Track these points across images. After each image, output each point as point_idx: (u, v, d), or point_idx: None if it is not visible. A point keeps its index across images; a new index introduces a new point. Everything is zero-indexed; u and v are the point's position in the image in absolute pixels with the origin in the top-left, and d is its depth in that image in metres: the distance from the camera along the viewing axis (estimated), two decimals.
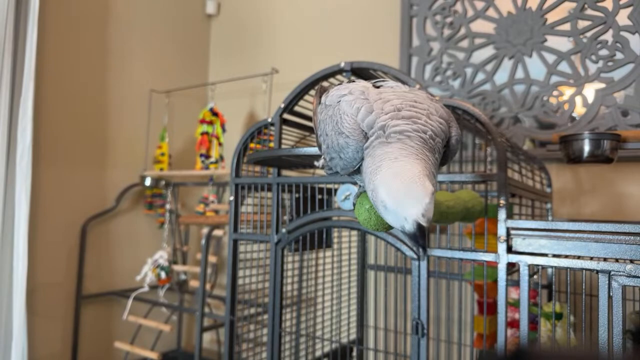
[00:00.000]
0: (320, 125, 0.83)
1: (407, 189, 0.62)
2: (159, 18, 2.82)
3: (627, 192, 1.76)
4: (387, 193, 0.64)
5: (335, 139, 0.75)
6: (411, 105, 0.73)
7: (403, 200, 0.62)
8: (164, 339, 2.59)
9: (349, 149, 0.73)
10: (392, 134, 0.69)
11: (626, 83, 1.76)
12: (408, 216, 0.62)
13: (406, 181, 0.63)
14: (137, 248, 2.65)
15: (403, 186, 0.63)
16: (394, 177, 0.64)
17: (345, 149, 0.73)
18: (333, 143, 0.76)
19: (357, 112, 0.74)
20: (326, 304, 1.94)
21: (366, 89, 0.78)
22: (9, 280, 1.98)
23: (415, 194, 0.62)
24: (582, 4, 1.85)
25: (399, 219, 0.64)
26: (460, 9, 2.14)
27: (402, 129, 0.69)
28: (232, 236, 1.58)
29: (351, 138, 0.72)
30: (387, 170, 0.65)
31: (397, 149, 0.68)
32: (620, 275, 0.93)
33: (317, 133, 0.87)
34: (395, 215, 0.64)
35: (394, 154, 0.67)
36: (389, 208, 0.64)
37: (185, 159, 2.88)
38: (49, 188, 2.26)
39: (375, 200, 0.67)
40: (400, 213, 0.63)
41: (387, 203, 0.64)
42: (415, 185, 0.62)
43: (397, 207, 0.63)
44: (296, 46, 2.73)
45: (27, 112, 2.00)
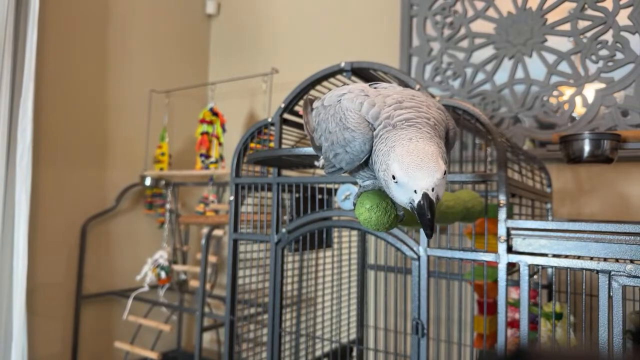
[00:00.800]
0: (321, 125, 0.84)
1: (420, 163, 0.63)
2: (159, 18, 2.82)
3: (627, 192, 1.76)
4: (399, 167, 0.65)
5: (341, 134, 0.76)
6: (411, 98, 0.75)
7: (415, 172, 0.63)
8: (164, 338, 2.59)
9: (356, 142, 0.74)
10: (399, 122, 0.71)
11: (626, 83, 1.76)
12: (418, 188, 0.63)
13: (420, 156, 0.64)
14: (137, 248, 2.65)
15: (416, 160, 0.64)
16: (409, 154, 0.65)
17: (352, 142, 0.75)
18: (338, 138, 0.77)
19: (360, 106, 0.76)
20: (326, 304, 1.94)
21: (364, 87, 0.81)
22: (9, 280, 1.98)
23: (427, 167, 0.63)
24: (582, 4, 1.85)
25: (408, 191, 0.64)
26: (460, 9, 2.14)
27: (407, 117, 0.71)
28: (232, 236, 1.58)
29: (357, 131, 0.74)
30: (401, 149, 0.66)
31: (411, 132, 0.69)
32: (620, 275, 0.93)
33: (315, 135, 0.89)
34: (406, 188, 0.65)
35: (408, 136, 0.68)
36: (400, 181, 0.65)
37: (185, 159, 2.88)
38: (49, 188, 2.26)
39: (386, 179, 0.68)
40: (411, 185, 0.63)
41: (399, 176, 0.65)
42: (428, 159, 0.64)
43: (408, 179, 0.64)
44: (296, 46, 2.73)
45: (27, 112, 2.00)
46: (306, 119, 0.96)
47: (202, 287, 2.01)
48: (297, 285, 1.98)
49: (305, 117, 0.96)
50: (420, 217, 0.64)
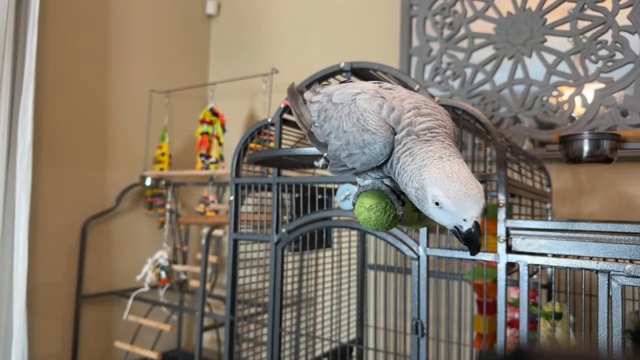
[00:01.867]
0: (331, 123, 0.83)
1: (466, 191, 0.66)
2: (159, 18, 2.82)
3: (627, 192, 1.77)
4: (445, 195, 0.66)
5: (359, 135, 0.76)
6: (425, 104, 0.76)
7: (464, 202, 0.65)
8: (164, 338, 2.59)
9: (377, 145, 0.74)
10: (421, 132, 0.72)
11: (626, 83, 1.76)
12: (468, 217, 0.66)
13: (463, 182, 0.66)
14: (137, 248, 2.65)
15: (462, 188, 0.66)
16: (450, 179, 0.66)
17: (372, 145, 0.75)
18: (356, 139, 0.76)
19: (379, 109, 0.76)
20: (326, 304, 1.94)
21: (377, 88, 0.80)
22: (9, 281, 1.98)
23: (474, 196, 0.66)
24: (581, 4, 1.85)
25: (457, 219, 0.67)
26: (460, 9, 2.14)
27: (428, 125, 0.72)
28: (232, 236, 1.58)
29: (378, 134, 0.74)
30: (437, 170, 0.68)
31: (438, 148, 0.70)
32: (619, 275, 0.93)
33: (317, 131, 0.87)
34: (454, 215, 0.67)
35: (437, 153, 0.69)
36: (448, 208, 0.67)
37: (185, 159, 2.88)
38: (49, 188, 2.26)
39: (421, 198, 0.69)
40: (460, 214, 0.66)
41: (446, 204, 0.66)
42: (473, 186, 0.66)
43: (457, 208, 0.66)
44: (296, 46, 2.73)
45: (28, 112, 2.00)
46: (298, 111, 0.93)
47: (202, 287, 2.01)
48: (297, 285, 1.99)
49: (297, 109, 0.93)
50: (468, 242, 0.68)
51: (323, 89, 0.91)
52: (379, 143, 0.74)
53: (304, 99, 0.94)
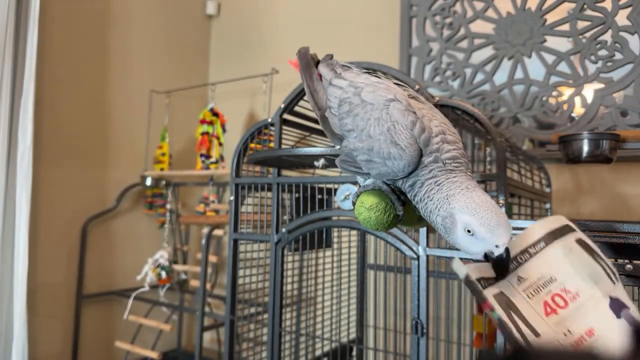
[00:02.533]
0: (355, 121, 0.80)
1: (497, 219, 0.68)
2: (159, 19, 2.82)
3: (627, 191, 1.77)
4: (479, 222, 0.68)
5: (386, 146, 0.75)
6: (448, 128, 0.78)
7: (496, 229, 0.68)
8: (164, 338, 2.59)
9: (402, 162, 0.74)
10: (447, 160, 0.74)
11: (625, 83, 1.76)
12: (501, 244, 0.68)
13: (493, 211, 0.69)
14: (138, 248, 2.65)
15: (493, 216, 0.68)
16: (481, 207, 0.69)
17: (397, 161, 0.74)
18: (382, 149, 0.75)
19: (412, 125, 0.74)
20: (326, 304, 1.94)
21: (409, 100, 0.79)
22: (10, 280, 1.99)
23: (505, 223, 0.69)
24: (581, 5, 1.85)
25: (489, 245, 0.69)
26: (460, 10, 2.14)
27: (453, 155, 0.74)
28: (233, 236, 1.58)
29: (407, 152, 0.73)
30: (467, 199, 0.70)
31: (463, 179, 0.73)
32: (619, 275, 0.93)
33: (335, 121, 0.84)
34: (486, 242, 0.69)
35: (463, 184, 0.72)
36: (480, 236, 0.69)
37: (185, 159, 2.88)
38: (49, 188, 2.26)
39: (451, 226, 0.71)
40: (493, 240, 0.68)
41: (478, 231, 0.68)
42: (502, 215, 0.69)
43: (491, 235, 0.68)
44: (296, 46, 2.70)
45: (28, 112, 2.00)
46: (312, 86, 0.88)
47: (202, 287, 2.02)
48: (297, 284, 1.99)
49: (310, 83, 0.88)
50: (499, 267, 0.69)
51: (346, 73, 0.87)
52: (405, 160, 0.73)
53: (320, 73, 0.89)
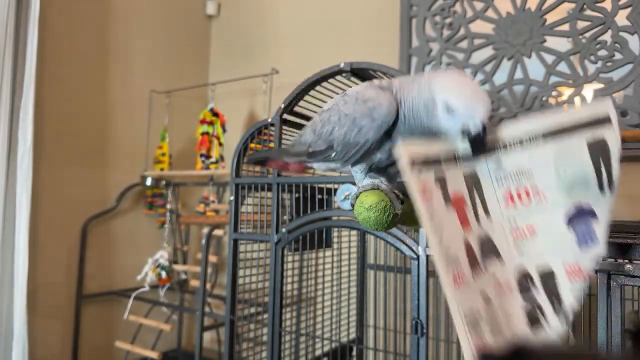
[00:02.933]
0: (331, 120, 0.85)
1: (476, 95, 0.70)
2: (159, 19, 2.82)
3: (626, 191, 1.77)
4: (456, 97, 0.70)
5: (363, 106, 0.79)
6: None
7: (475, 103, 0.69)
8: (164, 338, 2.59)
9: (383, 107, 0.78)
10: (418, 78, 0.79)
11: (625, 83, 1.76)
12: (477, 117, 0.69)
13: (471, 87, 0.70)
14: (138, 248, 2.65)
15: (471, 91, 0.70)
16: (459, 84, 0.71)
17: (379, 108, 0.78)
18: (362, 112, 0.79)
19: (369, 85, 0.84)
20: (326, 304, 1.94)
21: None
22: (10, 280, 1.99)
23: (483, 99, 0.70)
24: (581, 5, 1.85)
25: (465, 121, 0.70)
26: (460, 10, 2.14)
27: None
28: (233, 236, 1.58)
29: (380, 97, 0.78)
30: (446, 78, 0.72)
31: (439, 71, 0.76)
32: (619, 274, 0.94)
33: (318, 145, 0.89)
34: (463, 118, 0.70)
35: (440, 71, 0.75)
36: (459, 111, 0.69)
37: (185, 159, 2.88)
38: (49, 188, 2.26)
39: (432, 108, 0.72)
40: (470, 115, 0.69)
41: (457, 106, 0.69)
42: (481, 91, 0.71)
43: (467, 110, 0.69)
44: (296, 47, 2.73)
45: (28, 112, 2.00)
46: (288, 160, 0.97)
47: (202, 287, 2.02)
48: (297, 284, 1.99)
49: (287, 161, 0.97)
50: (474, 143, 0.70)
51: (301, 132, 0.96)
52: (384, 104, 0.76)
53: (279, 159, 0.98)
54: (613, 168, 0.71)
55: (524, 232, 0.72)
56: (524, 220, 0.73)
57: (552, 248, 0.71)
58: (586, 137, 0.71)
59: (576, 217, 0.71)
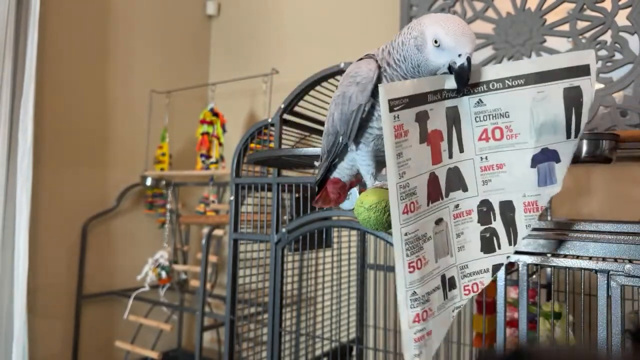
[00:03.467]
0: (330, 112, 0.91)
1: (462, 29, 0.72)
2: (160, 19, 2.82)
3: (626, 192, 1.77)
4: (444, 31, 0.72)
5: (348, 78, 0.85)
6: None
7: (461, 37, 0.71)
8: (164, 338, 2.59)
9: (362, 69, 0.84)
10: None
11: (625, 83, 1.76)
12: (463, 52, 0.71)
13: (458, 22, 0.73)
14: (138, 248, 2.65)
15: (458, 26, 0.72)
16: (447, 19, 0.73)
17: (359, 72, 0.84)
18: (348, 82, 0.84)
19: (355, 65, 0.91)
20: (326, 304, 1.94)
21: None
22: (10, 280, 1.99)
23: (469, 33, 0.72)
24: (581, 5, 1.85)
25: (452, 54, 0.72)
26: (460, 10, 2.14)
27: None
28: (233, 236, 1.58)
29: (362, 65, 0.85)
30: (436, 16, 0.75)
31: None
32: (619, 274, 0.93)
33: (330, 138, 0.92)
34: (449, 52, 0.72)
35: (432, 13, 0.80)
36: (446, 45, 0.72)
37: (185, 159, 2.88)
38: (49, 188, 2.26)
39: (422, 44, 0.74)
40: (457, 49, 0.72)
41: (444, 40, 0.72)
42: (466, 26, 0.73)
43: (455, 43, 0.71)
44: (296, 47, 2.73)
45: (28, 112, 2.00)
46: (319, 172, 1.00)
47: (202, 287, 2.02)
48: (297, 284, 1.99)
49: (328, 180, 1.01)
50: (459, 77, 0.73)
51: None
52: (362, 66, 0.82)
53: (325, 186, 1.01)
54: (582, 117, 0.74)
55: (492, 167, 0.79)
56: (494, 156, 0.79)
57: (515, 184, 0.78)
58: (564, 85, 0.74)
59: (541, 158, 0.77)
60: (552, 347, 1.13)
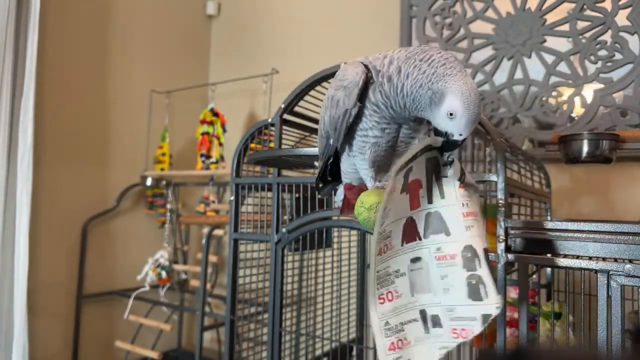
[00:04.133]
0: (322, 115, 0.91)
1: (475, 115, 0.73)
2: (160, 19, 2.82)
3: (626, 192, 1.77)
4: (464, 112, 0.72)
5: (337, 82, 0.86)
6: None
7: (471, 123, 0.73)
8: (164, 338, 2.59)
9: (348, 72, 0.83)
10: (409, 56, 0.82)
11: (625, 83, 1.76)
12: (465, 134, 0.74)
13: (477, 106, 0.72)
14: (138, 248, 2.65)
15: (475, 111, 0.72)
16: (470, 98, 0.72)
17: (345, 75, 0.84)
18: (336, 86, 0.85)
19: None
20: (326, 303, 1.94)
21: None
22: (10, 280, 1.99)
23: (477, 119, 0.74)
24: (581, 5, 1.85)
25: (458, 131, 0.74)
26: (460, 10, 2.14)
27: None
28: (233, 236, 1.58)
29: (349, 69, 0.83)
30: (463, 85, 0.72)
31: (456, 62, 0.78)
32: (619, 274, 0.93)
33: (323, 140, 0.93)
34: (456, 129, 0.74)
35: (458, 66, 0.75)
36: (457, 121, 0.73)
37: (185, 159, 2.88)
38: (49, 188, 2.26)
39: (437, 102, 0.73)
40: (463, 131, 0.74)
41: (459, 119, 0.73)
42: (479, 111, 0.74)
43: (464, 127, 0.73)
44: (296, 46, 2.73)
45: (28, 112, 2.00)
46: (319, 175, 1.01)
47: (202, 287, 2.02)
48: (297, 284, 1.99)
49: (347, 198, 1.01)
50: (449, 147, 0.78)
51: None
52: (349, 71, 0.81)
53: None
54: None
55: (474, 213, 0.81)
56: (474, 205, 0.83)
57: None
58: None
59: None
60: (552, 347, 1.13)
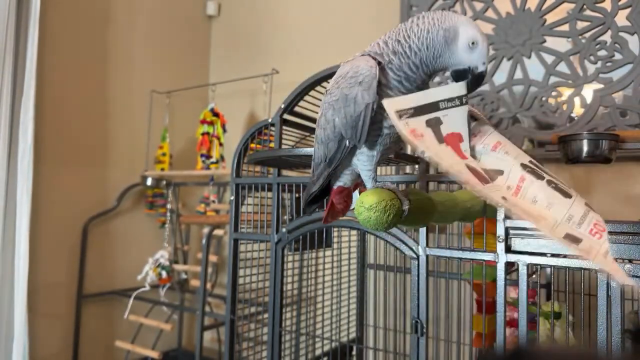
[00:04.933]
0: (321, 121, 0.88)
1: (485, 38, 0.77)
2: (160, 19, 2.83)
3: (626, 192, 1.77)
4: (482, 38, 0.76)
5: (348, 80, 0.82)
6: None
7: (487, 49, 0.77)
8: (164, 338, 2.60)
9: (362, 67, 0.81)
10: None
11: (625, 83, 1.76)
12: (486, 61, 0.77)
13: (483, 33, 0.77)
14: (138, 248, 2.65)
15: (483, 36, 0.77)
16: (478, 28, 0.77)
17: (359, 71, 0.81)
18: (348, 82, 0.81)
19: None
20: (326, 303, 1.94)
21: None
22: (11, 280, 1.99)
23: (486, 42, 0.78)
24: (581, 5, 1.85)
25: (479, 60, 0.77)
26: (460, 10, 2.14)
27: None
28: (233, 236, 1.58)
29: (361, 63, 0.79)
30: (465, 18, 0.77)
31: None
32: None
33: (321, 150, 0.90)
34: (479, 57, 0.77)
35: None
36: (480, 49, 0.76)
37: (186, 159, 2.89)
38: (50, 188, 2.27)
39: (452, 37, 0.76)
40: (484, 57, 0.77)
41: (481, 45, 0.76)
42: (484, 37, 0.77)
43: (485, 52, 0.76)
44: (296, 46, 2.73)
45: (29, 112, 2.01)
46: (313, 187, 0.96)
47: (202, 287, 2.02)
48: (297, 284, 1.99)
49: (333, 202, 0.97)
50: (477, 81, 0.79)
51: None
52: (360, 64, 0.78)
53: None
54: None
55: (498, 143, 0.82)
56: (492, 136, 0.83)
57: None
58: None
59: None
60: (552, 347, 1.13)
